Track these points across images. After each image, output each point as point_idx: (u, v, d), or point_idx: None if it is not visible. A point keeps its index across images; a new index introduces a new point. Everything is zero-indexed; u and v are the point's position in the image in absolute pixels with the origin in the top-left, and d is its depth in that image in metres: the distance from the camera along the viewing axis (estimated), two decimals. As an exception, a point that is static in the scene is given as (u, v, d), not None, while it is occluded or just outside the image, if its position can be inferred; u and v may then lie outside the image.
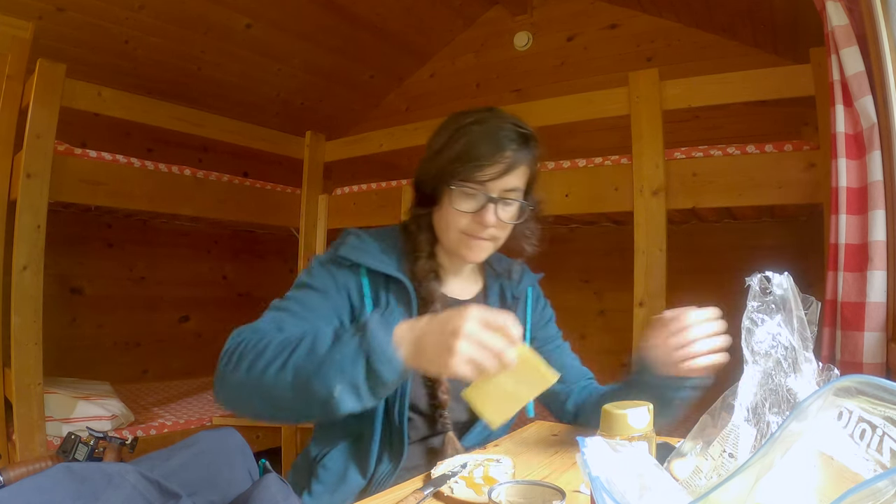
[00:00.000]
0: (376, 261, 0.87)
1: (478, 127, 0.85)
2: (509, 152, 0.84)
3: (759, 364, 0.56)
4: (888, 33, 1.19)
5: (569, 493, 0.63)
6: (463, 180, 0.84)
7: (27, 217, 1.82)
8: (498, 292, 1.00)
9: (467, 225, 0.86)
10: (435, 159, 0.88)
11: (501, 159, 0.83)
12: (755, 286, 0.57)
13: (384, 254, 0.89)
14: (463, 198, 0.85)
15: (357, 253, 0.87)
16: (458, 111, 0.91)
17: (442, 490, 0.69)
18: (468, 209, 0.85)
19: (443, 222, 0.88)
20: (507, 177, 0.84)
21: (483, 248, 0.88)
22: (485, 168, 0.83)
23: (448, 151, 0.85)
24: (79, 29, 2.32)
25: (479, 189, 0.84)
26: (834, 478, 0.44)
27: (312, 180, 2.72)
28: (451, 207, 0.85)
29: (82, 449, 1.65)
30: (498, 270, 1.01)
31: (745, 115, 2.45)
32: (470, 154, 0.83)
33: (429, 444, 0.92)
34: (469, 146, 0.83)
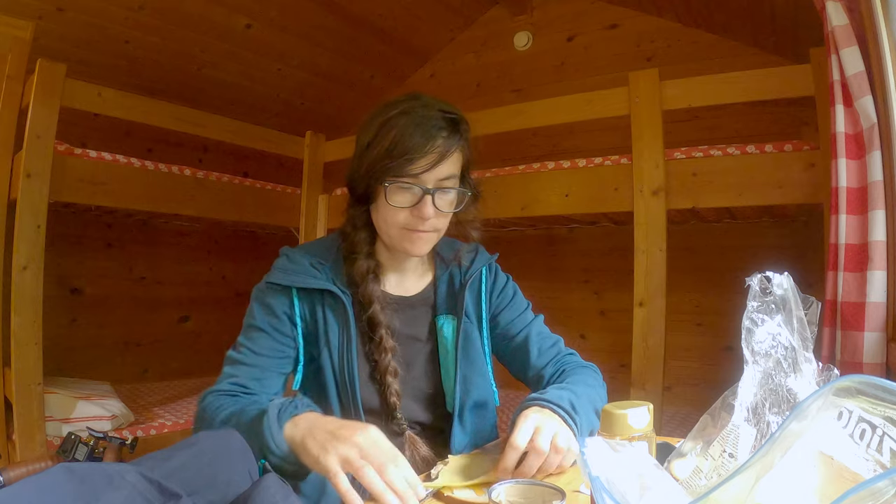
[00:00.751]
0: (305, 278, 0.86)
1: (405, 118, 0.82)
2: (440, 140, 0.81)
3: (760, 364, 0.56)
4: (888, 33, 1.19)
5: (569, 493, 0.63)
6: (396, 176, 0.81)
7: (27, 217, 1.82)
8: (447, 282, 0.97)
9: (406, 220, 0.83)
10: (364, 156, 0.85)
11: (433, 149, 0.80)
12: (755, 286, 0.57)
13: (315, 267, 0.87)
14: (398, 193, 0.82)
15: (284, 276, 0.86)
16: (384, 102, 0.87)
17: (442, 490, 0.69)
18: (405, 204, 0.83)
19: (381, 220, 0.86)
20: (441, 166, 0.82)
21: (425, 240, 0.86)
22: (416, 161, 0.80)
23: (377, 147, 0.82)
24: (79, 29, 2.32)
25: (414, 182, 0.81)
26: (834, 478, 0.44)
27: (312, 180, 2.72)
28: (387, 205, 0.83)
29: (82, 449, 1.65)
30: (447, 259, 0.98)
31: (745, 115, 2.45)
32: (399, 148, 0.80)
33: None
34: (398, 139, 0.80)
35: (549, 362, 0.96)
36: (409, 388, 0.90)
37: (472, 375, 0.93)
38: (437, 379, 0.93)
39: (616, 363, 2.71)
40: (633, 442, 0.61)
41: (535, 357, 0.96)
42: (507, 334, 0.99)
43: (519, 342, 0.98)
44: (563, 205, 2.06)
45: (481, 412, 0.95)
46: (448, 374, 0.92)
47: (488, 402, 0.96)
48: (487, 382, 0.96)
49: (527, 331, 0.99)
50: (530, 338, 0.98)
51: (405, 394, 0.89)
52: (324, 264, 0.88)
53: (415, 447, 0.87)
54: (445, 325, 0.93)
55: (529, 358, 0.96)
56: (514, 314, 1.00)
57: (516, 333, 0.99)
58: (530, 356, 0.96)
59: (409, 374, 0.91)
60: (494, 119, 2.21)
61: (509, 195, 2.15)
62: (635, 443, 0.61)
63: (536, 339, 0.98)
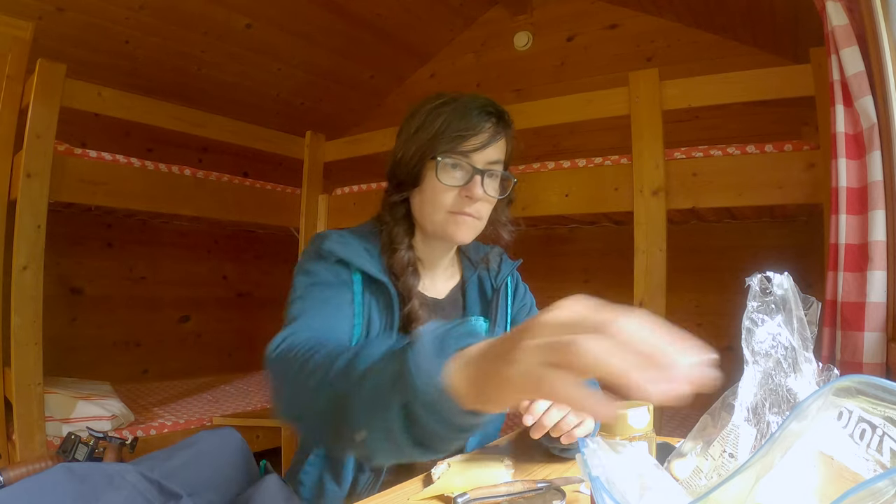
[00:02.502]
0: (363, 260, 0.82)
1: (454, 104, 0.84)
2: (489, 125, 0.83)
3: (760, 364, 0.56)
4: (888, 33, 1.19)
5: (569, 493, 0.63)
6: (447, 152, 0.82)
7: (27, 217, 1.82)
8: (477, 285, 0.96)
9: (454, 201, 0.83)
10: (413, 139, 0.85)
11: (483, 130, 0.83)
12: (755, 286, 0.57)
13: (368, 253, 0.85)
14: (449, 171, 0.83)
15: (343, 249, 0.82)
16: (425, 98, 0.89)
17: (443, 492, 0.69)
18: (455, 182, 0.83)
19: (427, 204, 0.85)
20: (490, 148, 0.83)
21: (470, 225, 0.85)
22: (468, 139, 0.82)
23: (428, 129, 0.84)
24: (79, 29, 2.32)
25: (464, 160, 0.82)
26: (834, 478, 0.44)
27: (312, 180, 2.72)
28: (436, 183, 0.82)
29: (82, 449, 1.65)
30: (474, 260, 0.98)
31: (745, 115, 2.45)
32: (453, 126, 0.82)
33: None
34: (450, 120, 0.82)
35: None
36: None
37: None
38: None
39: (616, 363, 2.71)
40: (633, 442, 0.61)
41: None
42: None
43: None
44: (563, 205, 2.06)
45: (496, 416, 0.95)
46: None
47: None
48: None
49: None
50: None
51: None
52: (372, 252, 0.86)
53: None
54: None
55: None
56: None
57: None
58: None
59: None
60: (494, 119, 2.20)
61: (509, 195, 2.14)
62: (635, 443, 0.61)
63: None
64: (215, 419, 2.29)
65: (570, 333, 0.34)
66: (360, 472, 0.84)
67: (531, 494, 0.62)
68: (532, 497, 0.61)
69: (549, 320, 0.37)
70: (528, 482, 0.67)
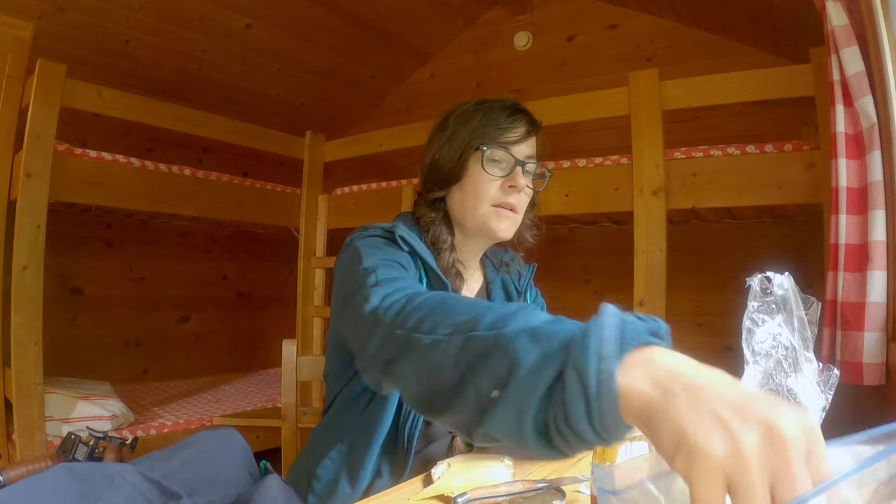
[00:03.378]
0: (427, 255, 0.81)
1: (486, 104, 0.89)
2: (523, 121, 0.88)
3: (760, 364, 0.56)
4: (888, 33, 1.19)
5: (569, 493, 0.63)
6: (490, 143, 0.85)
7: (27, 217, 1.82)
8: (501, 287, 0.98)
9: (497, 193, 0.86)
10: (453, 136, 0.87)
11: (520, 125, 0.87)
12: (755, 286, 0.57)
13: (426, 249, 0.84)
14: (492, 163, 0.86)
15: (414, 241, 0.80)
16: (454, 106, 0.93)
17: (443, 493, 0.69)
18: (498, 174, 0.86)
19: (469, 197, 0.87)
20: (528, 141, 0.88)
21: (512, 220, 0.88)
22: (509, 132, 0.86)
23: (468, 125, 0.87)
24: (79, 29, 2.32)
25: (506, 152, 0.86)
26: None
27: (312, 180, 2.72)
28: (481, 174, 0.85)
29: (82, 449, 1.65)
30: (495, 263, 1.00)
31: (745, 115, 2.46)
32: (494, 119, 0.86)
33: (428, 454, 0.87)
34: (490, 116, 0.86)
35: None
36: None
37: None
38: None
39: (616, 363, 2.71)
40: (633, 442, 0.61)
41: None
42: None
43: None
44: (563, 205, 2.06)
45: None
46: None
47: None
48: None
49: None
50: None
51: None
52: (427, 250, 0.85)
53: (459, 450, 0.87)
54: None
55: None
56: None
57: None
58: None
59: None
60: (494, 119, 2.20)
61: (509, 195, 2.14)
62: (635, 443, 0.61)
63: None
64: (215, 419, 2.29)
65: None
66: (377, 478, 0.83)
67: (531, 494, 0.62)
68: (532, 497, 0.61)
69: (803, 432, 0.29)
70: (528, 482, 0.67)
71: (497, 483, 0.68)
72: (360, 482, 0.82)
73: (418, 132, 2.32)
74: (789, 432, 0.29)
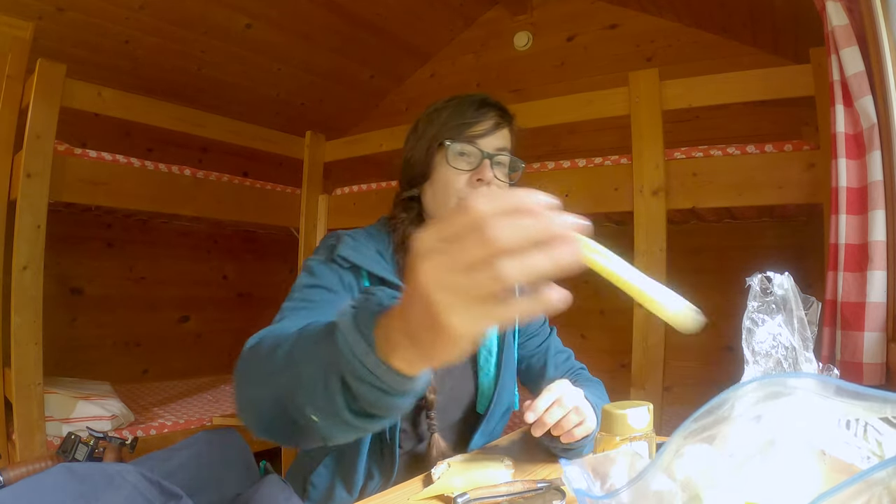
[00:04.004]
0: (375, 264, 0.83)
1: (458, 99, 0.90)
2: (493, 113, 0.88)
3: (760, 364, 0.56)
4: (888, 33, 1.19)
5: (569, 493, 0.63)
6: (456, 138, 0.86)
7: (27, 217, 1.81)
8: None
9: (464, 187, 0.85)
10: (423, 135, 0.89)
11: (487, 118, 0.87)
12: (755, 286, 0.57)
13: (380, 255, 0.86)
14: (458, 156, 0.86)
15: (357, 255, 0.83)
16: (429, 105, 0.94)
17: (443, 492, 0.69)
18: (465, 167, 0.86)
19: (439, 192, 0.87)
20: (496, 134, 0.87)
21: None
22: (475, 125, 0.86)
23: (434, 123, 0.88)
24: (79, 29, 2.32)
25: (473, 146, 0.86)
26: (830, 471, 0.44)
27: (312, 180, 2.72)
28: (448, 169, 0.85)
29: (82, 449, 1.64)
30: None
31: (745, 115, 2.45)
32: (458, 115, 0.87)
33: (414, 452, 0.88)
34: (456, 111, 0.87)
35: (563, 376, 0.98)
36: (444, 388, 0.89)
37: (507, 380, 0.94)
38: (473, 379, 0.93)
39: (616, 363, 2.71)
40: (633, 442, 0.61)
41: (552, 371, 0.99)
42: (527, 345, 1.01)
43: (538, 356, 1.01)
44: (563, 205, 2.05)
45: (504, 415, 0.96)
46: (487, 375, 0.92)
47: (511, 407, 0.98)
48: (515, 387, 0.99)
49: (546, 345, 1.02)
50: (549, 352, 1.01)
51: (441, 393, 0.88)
52: (383, 255, 0.87)
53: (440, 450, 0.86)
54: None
55: (546, 372, 0.99)
56: (536, 326, 1.03)
57: (537, 346, 1.01)
58: (547, 370, 0.99)
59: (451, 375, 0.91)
60: (494, 119, 2.20)
61: (509, 195, 2.14)
62: (635, 443, 0.61)
63: (553, 354, 1.01)
64: (215, 419, 2.29)
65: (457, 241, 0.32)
66: (369, 479, 0.84)
67: (531, 494, 0.62)
68: (532, 497, 0.61)
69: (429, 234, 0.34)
70: (528, 482, 0.67)
71: (497, 483, 0.68)
72: (354, 486, 0.83)
73: (418, 132, 2.32)
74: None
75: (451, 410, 0.91)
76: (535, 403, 0.73)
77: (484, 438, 0.93)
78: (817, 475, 0.43)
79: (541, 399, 0.73)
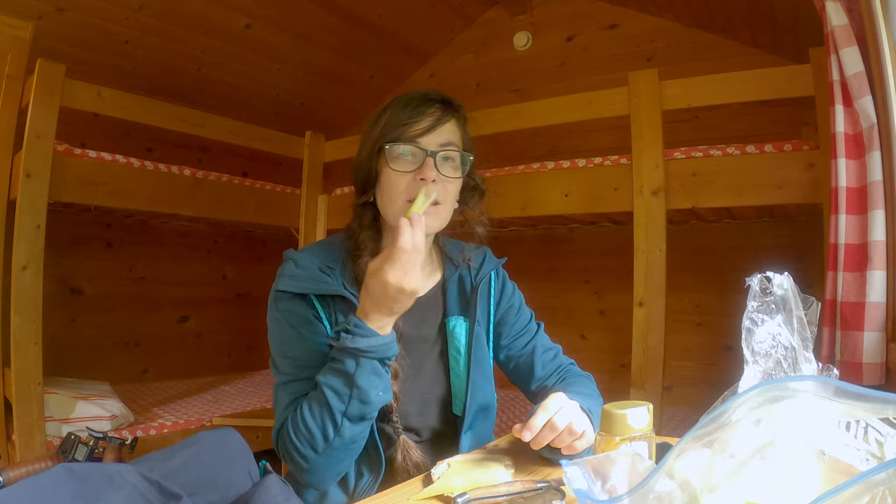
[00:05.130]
0: (317, 283, 0.84)
1: (397, 100, 0.87)
2: (433, 109, 0.85)
3: (759, 364, 0.56)
4: (888, 33, 1.19)
5: (568, 493, 0.63)
6: (395, 141, 0.83)
7: (27, 217, 1.82)
8: (457, 283, 0.96)
9: (409, 187, 0.82)
10: (366, 140, 0.88)
11: (427, 115, 0.84)
12: (755, 286, 0.57)
13: (324, 271, 0.85)
14: (399, 158, 0.83)
15: (296, 283, 0.84)
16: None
17: (443, 493, 0.69)
18: (407, 168, 0.83)
19: (385, 195, 0.85)
20: (439, 130, 0.84)
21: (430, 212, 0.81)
22: (413, 125, 0.83)
23: (376, 127, 0.86)
24: (79, 29, 2.32)
25: (413, 146, 0.83)
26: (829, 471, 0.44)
27: (312, 180, 2.72)
28: (390, 172, 0.83)
29: (82, 449, 1.64)
30: (456, 261, 0.97)
31: (745, 115, 2.46)
32: (396, 118, 0.84)
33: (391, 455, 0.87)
34: (394, 113, 0.85)
35: (551, 374, 0.97)
36: (417, 392, 0.89)
37: (480, 379, 0.93)
38: (445, 381, 0.93)
39: (616, 363, 2.71)
40: (633, 442, 0.61)
41: (540, 370, 0.97)
42: (513, 345, 1.00)
43: (525, 355, 0.99)
44: (563, 205, 2.06)
45: (485, 415, 0.95)
46: (459, 377, 0.92)
47: (491, 406, 0.97)
48: (492, 386, 0.97)
49: (533, 344, 0.99)
50: (536, 351, 0.98)
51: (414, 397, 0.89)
52: (333, 268, 0.86)
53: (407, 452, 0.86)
54: (457, 326, 0.93)
55: (534, 371, 0.97)
56: (521, 325, 1.00)
57: (523, 346, 0.99)
58: (535, 369, 0.97)
59: (419, 378, 0.90)
60: (494, 119, 2.21)
61: (509, 195, 2.15)
62: (635, 443, 0.61)
63: (541, 352, 0.98)
64: (215, 419, 2.29)
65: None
66: (360, 478, 0.85)
67: (531, 494, 0.62)
68: (532, 497, 0.61)
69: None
70: (528, 482, 0.67)
71: (497, 483, 0.68)
72: (348, 486, 0.85)
73: (418, 132, 2.32)
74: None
75: (428, 416, 0.91)
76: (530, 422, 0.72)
77: (471, 440, 0.92)
78: (817, 475, 0.43)
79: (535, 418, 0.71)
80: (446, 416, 0.92)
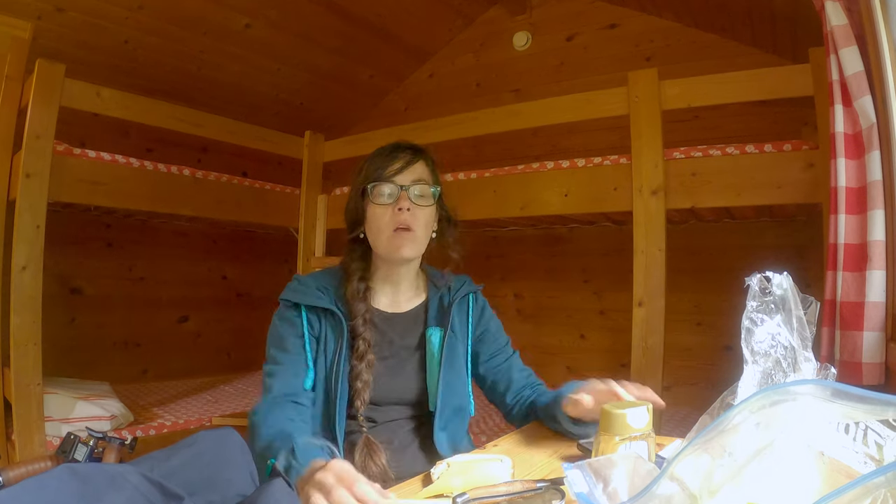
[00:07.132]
0: (311, 298, 1.01)
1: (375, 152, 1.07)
2: (403, 153, 1.05)
3: (759, 364, 0.56)
4: (887, 33, 1.19)
5: (568, 493, 0.63)
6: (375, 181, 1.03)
7: (27, 217, 1.81)
8: (437, 301, 1.12)
9: (390, 219, 1.01)
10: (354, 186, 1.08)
11: (399, 159, 1.04)
12: (755, 286, 0.57)
13: (320, 290, 1.03)
14: (379, 195, 1.02)
15: (294, 294, 1.02)
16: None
17: (442, 493, 0.69)
18: (387, 201, 1.02)
19: (373, 229, 1.03)
20: (409, 169, 1.03)
21: (410, 239, 1.02)
22: (388, 167, 1.03)
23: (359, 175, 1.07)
24: (78, 29, 2.31)
25: (390, 184, 1.02)
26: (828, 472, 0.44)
27: (311, 180, 2.72)
28: (374, 207, 1.02)
29: (81, 449, 1.64)
30: (438, 285, 1.14)
31: (744, 115, 2.46)
32: (375, 164, 1.04)
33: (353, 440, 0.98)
34: (373, 161, 1.06)
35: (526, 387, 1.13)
36: (398, 389, 1.04)
37: (453, 381, 1.06)
38: (423, 382, 1.06)
39: (616, 363, 2.71)
40: (633, 442, 0.61)
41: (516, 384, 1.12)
42: (491, 362, 1.15)
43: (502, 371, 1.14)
44: (563, 204, 2.07)
45: (459, 415, 1.08)
46: (433, 377, 1.05)
47: (465, 408, 1.09)
48: (466, 391, 1.11)
49: (509, 363, 1.15)
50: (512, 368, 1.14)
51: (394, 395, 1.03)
52: (328, 289, 1.04)
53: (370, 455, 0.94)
54: (434, 335, 1.08)
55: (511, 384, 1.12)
56: (499, 346, 1.16)
57: (500, 363, 1.15)
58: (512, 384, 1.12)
59: (400, 377, 1.05)
60: (493, 119, 2.21)
61: (509, 195, 2.15)
62: (635, 443, 0.61)
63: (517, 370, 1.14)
64: (215, 419, 2.29)
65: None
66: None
67: (531, 494, 0.62)
68: (532, 497, 0.61)
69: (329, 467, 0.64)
70: (528, 482, 0.67)
71: (496, 483, 0.68)
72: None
73: (418, 132, 2.32)
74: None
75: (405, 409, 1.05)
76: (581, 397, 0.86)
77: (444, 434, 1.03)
78: (816, 475, 0.43)
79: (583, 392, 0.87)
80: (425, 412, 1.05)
